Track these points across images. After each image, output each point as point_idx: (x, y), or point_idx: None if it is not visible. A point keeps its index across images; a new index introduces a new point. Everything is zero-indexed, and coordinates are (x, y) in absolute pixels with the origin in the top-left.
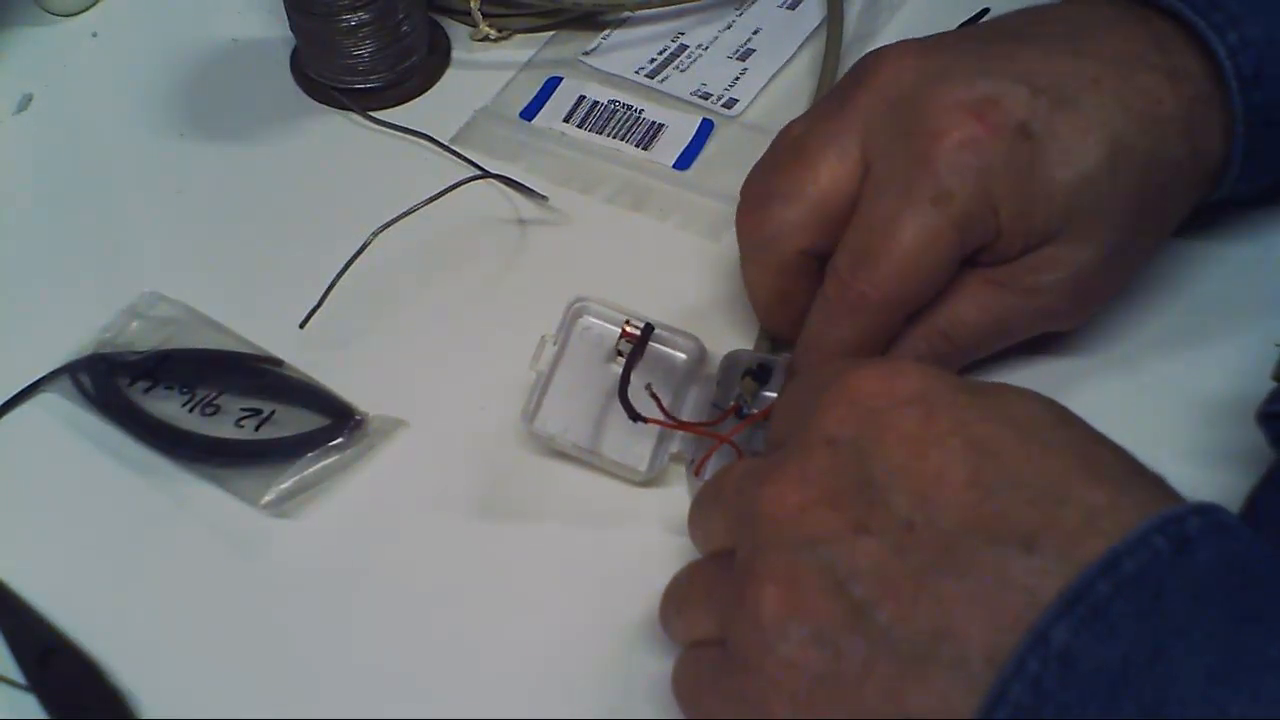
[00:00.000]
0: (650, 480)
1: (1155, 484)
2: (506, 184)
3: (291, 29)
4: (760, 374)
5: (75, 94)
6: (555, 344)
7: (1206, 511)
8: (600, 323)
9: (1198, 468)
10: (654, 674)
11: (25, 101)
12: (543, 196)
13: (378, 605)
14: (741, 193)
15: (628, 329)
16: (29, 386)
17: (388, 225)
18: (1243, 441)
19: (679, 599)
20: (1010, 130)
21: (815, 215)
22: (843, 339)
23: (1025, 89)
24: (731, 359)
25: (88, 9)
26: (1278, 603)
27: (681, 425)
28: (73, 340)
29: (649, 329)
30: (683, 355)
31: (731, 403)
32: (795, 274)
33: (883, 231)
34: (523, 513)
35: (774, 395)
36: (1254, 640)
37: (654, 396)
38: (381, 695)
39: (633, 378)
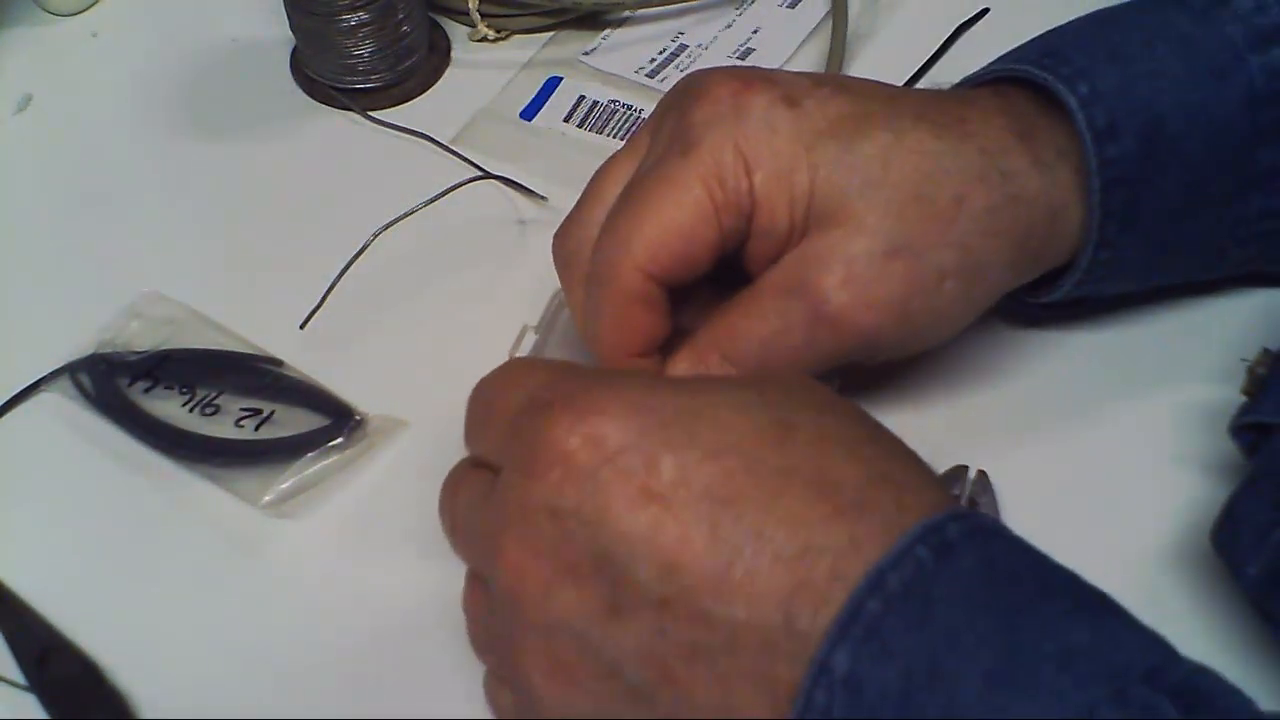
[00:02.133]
0: None
1: (897, 482)
2: (506, 184)
3: (291, 29)
4: None
5: (75, 94)
6: (537, 333)
7: (963, 517)
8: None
9: (1181, 474)
10: None
11: (25, 101)
12: (542, 197)
13: (378, 605)
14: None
15: None
16: (29, 386)
17: (388, 226)
18: (1221, 450)
19: (470, 627)
20: (775, 95)
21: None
22: (603, 321)
23: (812, 83)
24: None
25: (88, 9)
26: (1043, 598)
27: None
28: (73, 340)
29: None
30: None
31: None
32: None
33: (632, 192)
34: None
35: None
36: (1026, 637)
37: None
38: (381, 695)
39: None
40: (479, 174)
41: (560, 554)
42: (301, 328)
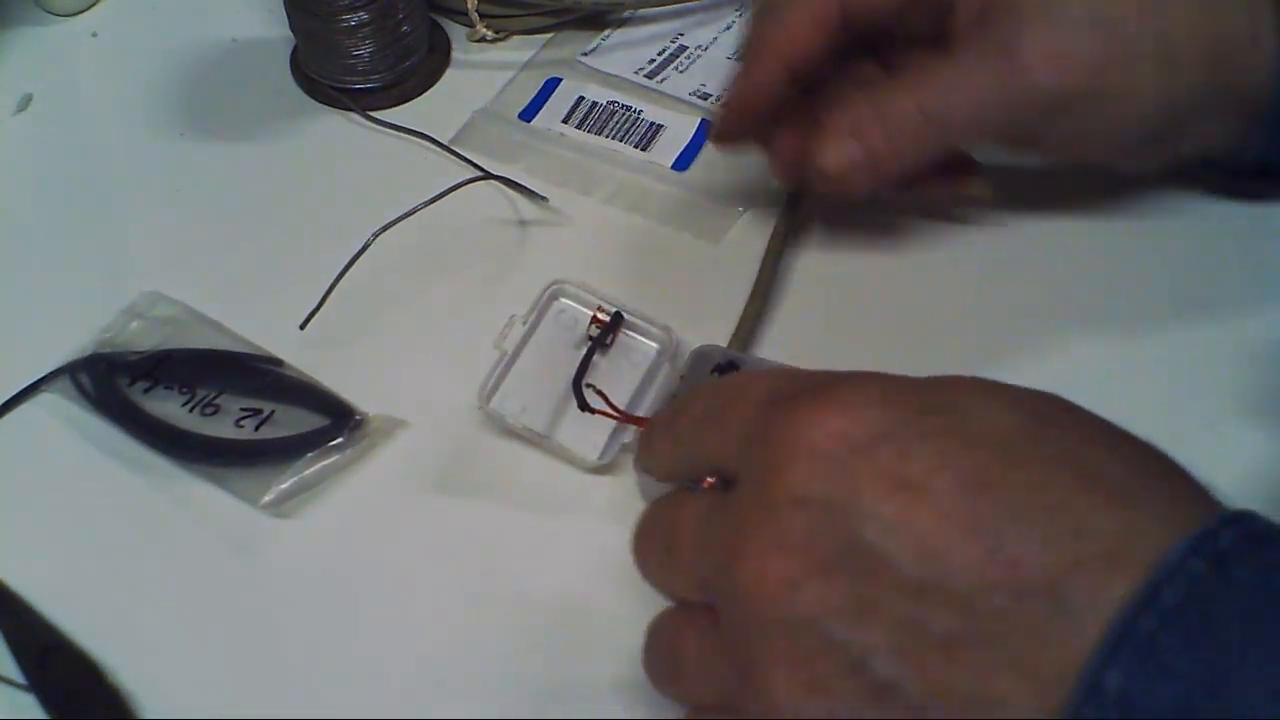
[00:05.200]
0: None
1: (1165, 478)
2: (506, 185)
3: (291, 29)
4: (728, 370)
5: (75, 94)
6: (525, 324)
7: (1238, 521)
8: (575, 305)
9: (1258, 425)
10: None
11: (25, 101)
12: (542, 197)
13: (377, 605)
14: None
15: (598, 315)
16: (29, 386)
17: (387, 227)
18: None
19: (669, 665)
20: None
21: None
22: (771, 24)
23: None
24: (701, 354)
25: (88, 9)
26: None
27: (629, 419)
28: (73, 340)
29: (618, 317)
30: (654, 346)
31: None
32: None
33: None
34: (522, 512)
35: None
36: None
37: (599, 393)
38: (382, 695)
39: (601, 365)
40: (479, 174)
41: (808, 547)
42: (302, 328)
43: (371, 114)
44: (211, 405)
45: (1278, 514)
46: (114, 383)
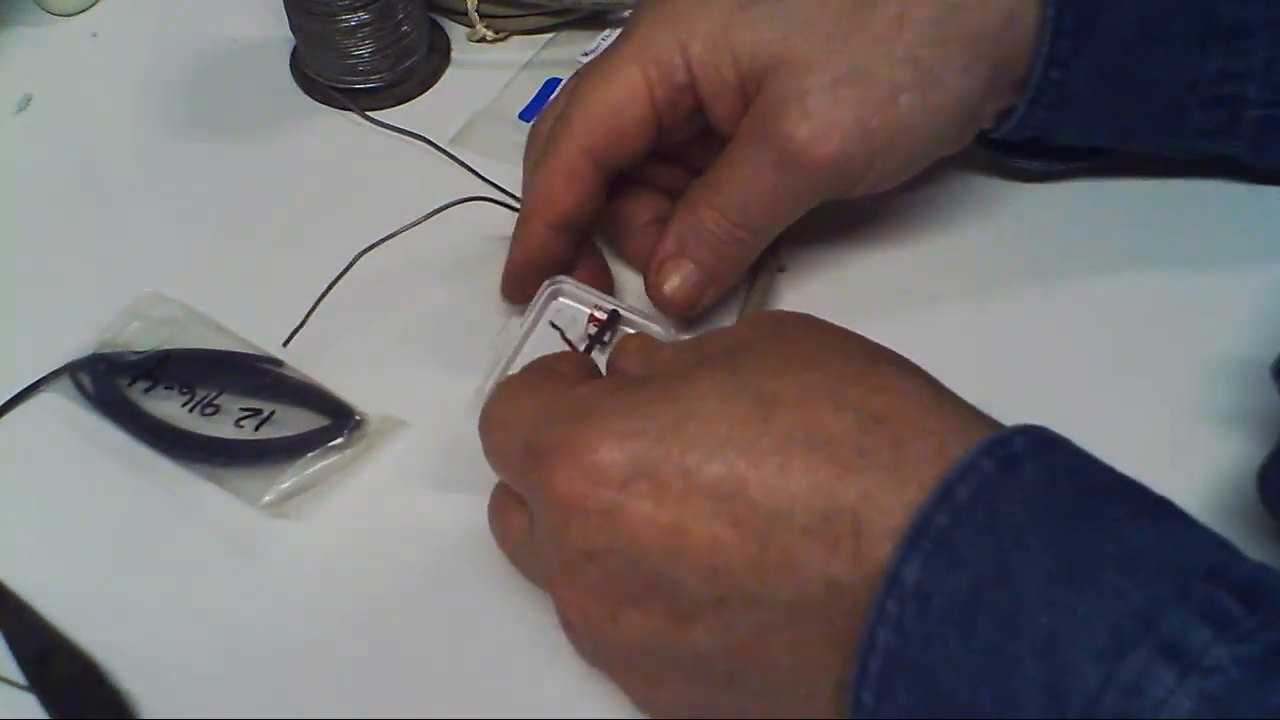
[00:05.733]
0: None
1: (893, 423)
2: (495, 202)
3: (291, 29)
4: (609, 325)
5: (75, 94)
6: (523, 324)
7: (1029, 431)
8: (575, 305)
9: (1214, 427)
10: None
11: (25, 101)
12: None
13: (377, 605)
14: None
15: (595, 314)
16: (29, 386)
17: (372, 247)
18: (1257, 403)
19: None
20: None
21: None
22: (532, 189)
23: None
24: None
25: (88, 9)
26: (1104, 506)
27: None
28: (73, 340)
29: (614, 315)
30: None
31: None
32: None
33: (577, 78)
34: None
35: None
36: (1089, 538)
37: None
38: (382, 695)
39: (600, 364)
40: (466, 196)
41: (611, 589)
42: (285, 345)
43: (371, 114)
44: (211, 405)
45: (1241, 522)
46: (114, 383)
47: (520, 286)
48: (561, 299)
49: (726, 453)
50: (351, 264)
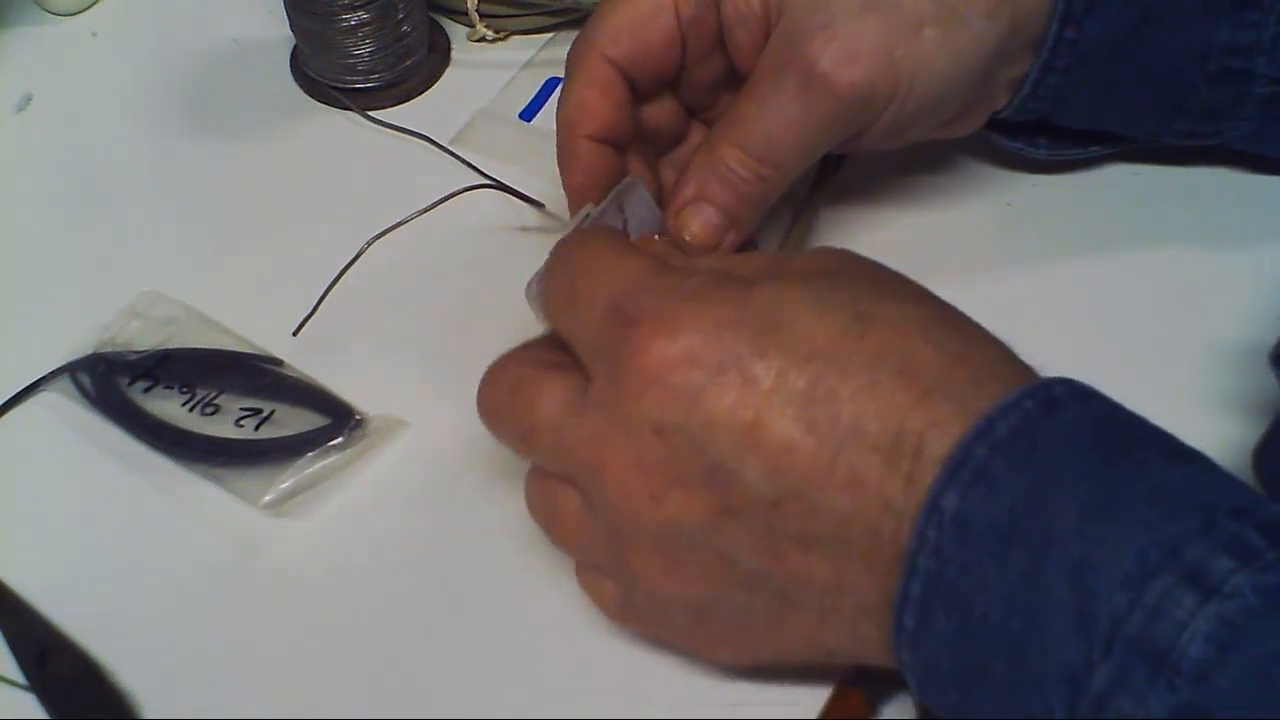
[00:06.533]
0: None
1: (974, 365)
2: (503, 190)
3: (291, 29)
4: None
5: (75, 94)
6: (598, 212)
7: (1069, 382)
8: (647, 209)
9: (1209, 413)
10: (658, 677)
11: (25, 101)
12: (539, 203)
13: (377, 605)
14: None
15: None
16: (29, 386)
17: (381, 235)
18: (1255, 387)
19: (551, 520)
20: None
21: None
22: (564, 100)
23: None
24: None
25: (88, 9)
26: (1138, 449)
27: None
28: (73, 340)
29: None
30: None
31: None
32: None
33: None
34: (522, 512)
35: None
36: (1121, 476)
37: None
38: (381, 695)
39: None
40: (476, 183)
41: (669, 467)
42: (295, 334)
43: (371, 114)
44: (211, 405)
45: None
46: (114, 382)
47: (584, 195)
48: (640, 192)
49: (818, 363)
50: (361, 252)
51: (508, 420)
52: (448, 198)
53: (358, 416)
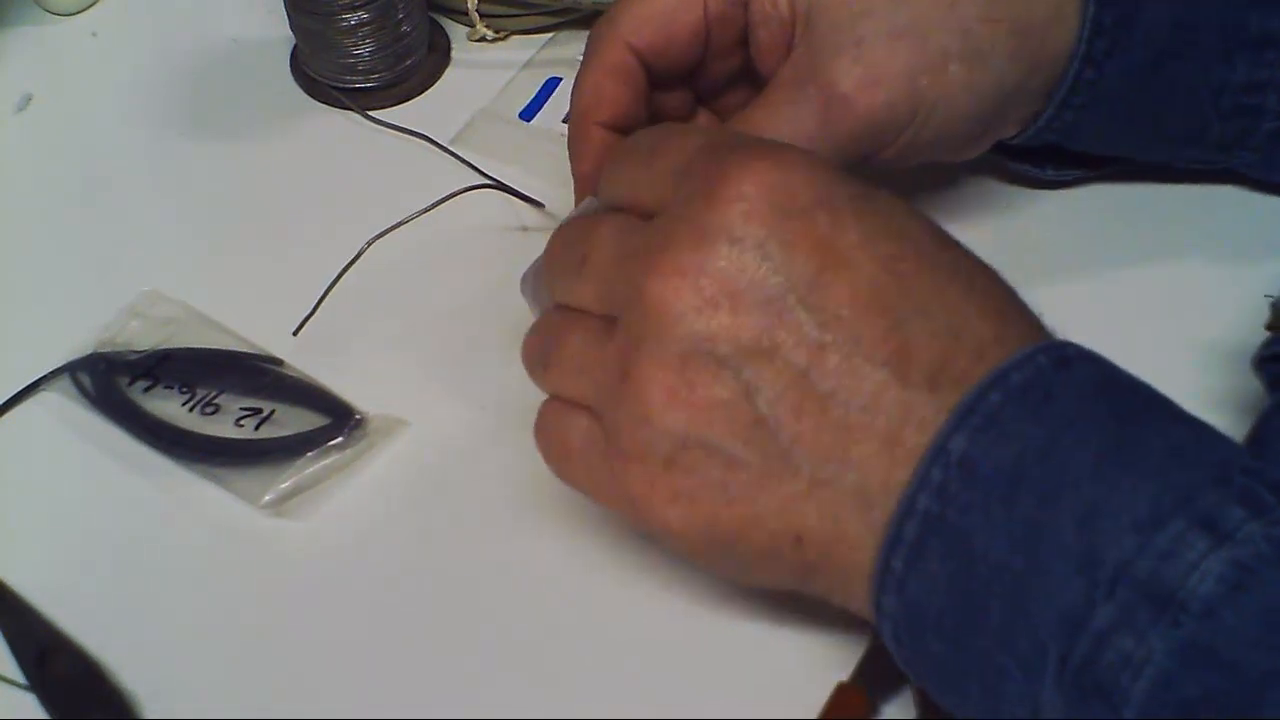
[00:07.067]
0: None
1: (1033, 318)
2: (503, 190)
3: (291, 28)
4: None
5: (75, 94)
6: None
7: (1080, 346)
8: None
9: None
10: (658, 677)
11: (25, 101)
12: (539, 203)
13: (377, 605)
14: None
15: None
16: (29, 386)
17: (381, 235)
18: (1239, 389)
19: (548, 354)
20: None
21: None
22: (580, 84)
23: None
24: None
25: (88, 9)
26: (1152, 407)
27: None
28: (73, 340)
29: None
30: None
31: None
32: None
33: None
34: (522, 512)
35: None
36: (1135, 430)
37: None
38: (382, 695)
39: None
40: (476, 183)
41: (729, 280)
42: (295, 334)
43: (371, 113)
44: (211, 405)
45: None
46: (114, 382)
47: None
48: None
49: (905, 245)
50: (361, 253)
51: (565, 253)
52: (448, 198)
53: (358, 416)
